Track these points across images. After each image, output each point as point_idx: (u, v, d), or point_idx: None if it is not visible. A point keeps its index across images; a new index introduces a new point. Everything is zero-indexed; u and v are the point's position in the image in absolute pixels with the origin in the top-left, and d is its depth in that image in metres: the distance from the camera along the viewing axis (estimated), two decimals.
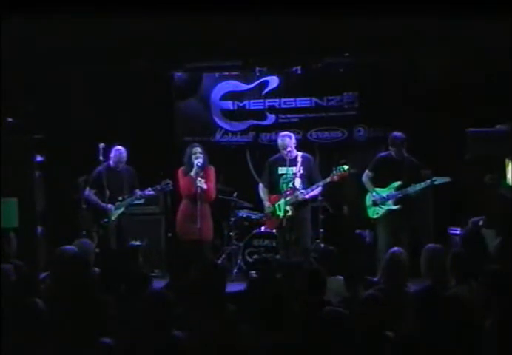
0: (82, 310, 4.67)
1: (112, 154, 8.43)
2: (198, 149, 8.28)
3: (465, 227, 8.31)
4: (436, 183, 7.98)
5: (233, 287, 5.89)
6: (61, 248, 6.29)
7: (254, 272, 8.46)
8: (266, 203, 8.36)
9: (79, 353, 4.37)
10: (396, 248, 5.98)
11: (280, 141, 8.27)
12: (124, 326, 4.72)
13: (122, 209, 8.39)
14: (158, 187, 8.36)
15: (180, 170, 8.38)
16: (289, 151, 8.13)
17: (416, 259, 5.87)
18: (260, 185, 8.49)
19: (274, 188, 8.30)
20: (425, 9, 6.63)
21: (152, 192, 8.42)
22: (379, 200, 8.12)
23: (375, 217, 8.20)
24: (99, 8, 6.49)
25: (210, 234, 8.37)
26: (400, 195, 8.05)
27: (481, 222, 8.13)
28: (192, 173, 8.21)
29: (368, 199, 8.24)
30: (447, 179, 8.02)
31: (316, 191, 8.20)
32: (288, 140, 8.21)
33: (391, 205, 8.09)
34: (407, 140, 8.17)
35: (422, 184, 8.01)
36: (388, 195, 8.10)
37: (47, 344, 4.43)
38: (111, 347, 4.39)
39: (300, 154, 8.22)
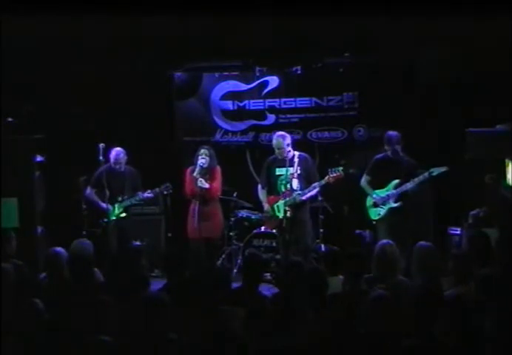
0: (81, 310, 4.67)
1: (110, 156, 8.49)
2: (205, 151, 8.43)
3: (465, 223, 8.31)
4: (434, 174, 7.92)
5: (233, 287, 5.87)
6: (52, 249, 6.31)
7: (268, 274, 8.48)
8: (265, 205, 8.38)
9: (78, 353, 4.38)
10: (384, 241, 6.11)
11: (274, 141, 8.30)
12: (123, 326, 4.72)
13: (121, 210, 8.46)
14: (157, 190, 8.45)
15: (188, 170, 8.51)
16: (283, 151, 8.14)
17: None
18: (259, 186, 8.52)
19: (272, 189, 8.32)
20: (424, 9, 6.63)
21: (150, 195, 8.51)
22: (380, 201, 8.09)
23: (377, 218, 8.17)
24: (99, 8, 6.49)
25: (210, 233, 8.41)
26: (400, 192, 8.02)
27: (481, 214, 8.12)
28: (195, 173, 8.34)
29: (369, 201, 8.22)
30: (444, 168, 7.91)
31: (313, 192, 8.20)
32: (281, 140, 8.20)
33: (391, 204, 8.06)
34: (402, 138, 8.15)
35: (421, 177, 7.95)
36: (388, 194, 8.08)
37: (46, 344, 4.43)
38: (109, 346, 4.40)
39: (297, 154, 8.22)
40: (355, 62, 9.96)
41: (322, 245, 9.07)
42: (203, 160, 8.36)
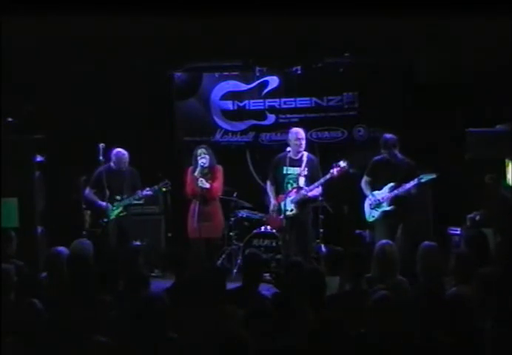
0: (81, 310, 4.67)
1: (113, 157, 8.51)
2: (204, 150, 8.43)
3: (464, 225, 8.31)
4: (422, 180, 7.93)
5: (233, 287, 5.87)
6: (53, 249, 6.31)
7: (268, 274, 8.48)
8: (272, 201, 8.39)
9: (78, 353, 4.38)
10: (384, 241, 6.14)
11: (292, 133, 8.33)
12: (123, 326, 4.72)
13: (120, 209, 8.46)
14: (156, 187, 8.45)
15: (189, 170, 8.52)
16: (299, 144, 8.19)
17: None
18: (268, 183, 8.53)
19: (279, 188, 8.34)
20: (424, 9, 6.63)
21: (149, 192, 8.50)
22: (375, 203, 8.10)
23: (372, 220, 8.18)
24: (99, 8, 6.49)
25: (210, 233, 8.41)
26: (393, 196, 8.01)
27: (477, 217, 8.13)
28: (196, 173, 8.36)
29: (366, 203, 8.23)
30: (433, 175, 7.91)
31: (316, 191, 8.23)
32: (301, 130, 8.33)
33: (385, 207, 8.07)
34: (398, 141, 8.13)
35: (411, 183, 7.95)
36: (382, 197, 8.07)
37: (46, 344, 4.43)
38: (109, 346, 4.40)
39: (305, 154, 8.31)
40: (355, 62, 9.97)
41: (323, 246, 9.08)
42: (203, 159, 8.35)
